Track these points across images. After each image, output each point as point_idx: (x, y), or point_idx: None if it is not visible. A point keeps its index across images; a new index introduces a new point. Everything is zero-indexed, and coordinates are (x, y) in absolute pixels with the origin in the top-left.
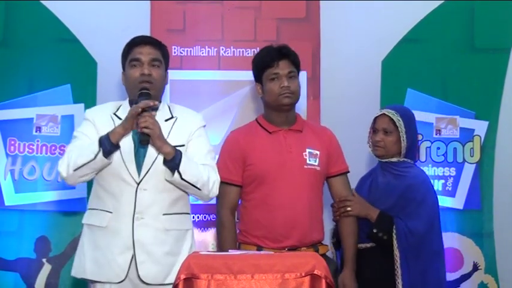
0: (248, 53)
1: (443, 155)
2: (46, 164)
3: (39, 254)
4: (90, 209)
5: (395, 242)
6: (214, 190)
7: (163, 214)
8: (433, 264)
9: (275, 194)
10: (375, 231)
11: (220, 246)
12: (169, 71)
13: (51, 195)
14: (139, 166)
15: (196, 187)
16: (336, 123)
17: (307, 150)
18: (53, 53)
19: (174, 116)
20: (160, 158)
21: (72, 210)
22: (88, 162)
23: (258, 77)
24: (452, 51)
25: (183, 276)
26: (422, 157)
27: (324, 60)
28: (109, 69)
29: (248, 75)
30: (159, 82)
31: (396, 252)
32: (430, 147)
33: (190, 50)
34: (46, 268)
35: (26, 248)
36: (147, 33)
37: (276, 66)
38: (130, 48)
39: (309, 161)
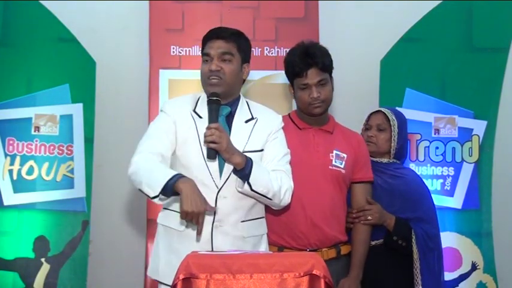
0: None
1: (442, 154)
2: (45, 163)
3: (37, 254)
4: (166, 209)
5: (415, 247)
6: (286, 198)
7: (242, 221)
8: (442, 266)
9: (297, 191)
10: (394, 238)
11: None
12: (167, 70)
13: (50, 195)
14: (221, 171)
15: (267, 197)
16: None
17: (335, 151)
18: (51, 52)
19: (254, 116)
20: None
21: (70, 209)
22: (144, 193)
23: (290, 81)
24: (450, 50)
25: (181, 276)
26: (421, 157)
27: None
28: (108, 69)
29: None
30: (230, 77)
31: (416, 257)
32: (428, 146)
33: (189, 50)
34: (45, 268)
35: (24, 248)
36: (146, 33)
37: (304, 77)
38: (204, 41)
39: (335, 162)
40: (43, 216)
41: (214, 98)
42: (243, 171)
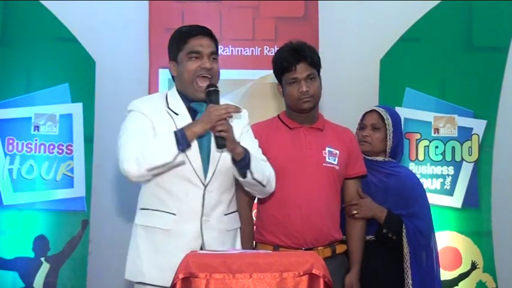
0: (246, 52)
1: (441, 153)
2: (44, 163)
3: (37, 253)
4: (144, 209)
5: (405, 241)
6: (273, 185)
7: (225, 215)
8: (437, 263)
9: (292, 189)
10: (384, 231)
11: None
12: (167, 70)
13: (50, 194)
14: (204, 167)
15: (263, 184)
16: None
17: (327, 148)
18: (51, 52)
19: None
20: (223, 157)
21: (70, 209)
22: (166, 164)
23: (278, 79)
24: (450, 50)
25: (181, 276)
26: (421, 156)
27: (322, 59)
28: (107, 68)
29: (246, 74)
30: (217, 77)
31: (406, 251)
32: (428, 146)
33: None
34: (44, 267)
35: (24, 247)
36: (146, 32)
37: (293, 71)
38: (187, 38)
39: (328, 159)
40: (43, 216)
41: (213, 89)
42: (243, 160)
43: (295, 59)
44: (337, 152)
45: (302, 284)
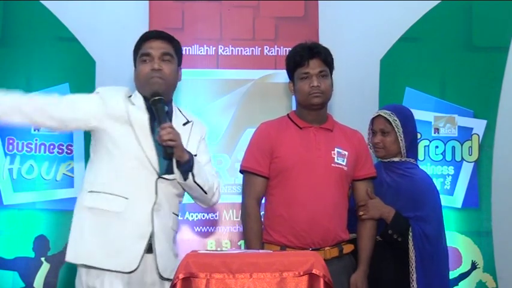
0: (246, 52)
1: (441, 153)
2: (44, 163)
3: (37, 253)
4: (93, 191)
5: (411, 245)
6: (217, 196)
7: (173, 213)
8: (447, 267)
9: (299, 189)
10: (390, 232)
11: (246, 236)
12: None
13: (50, 194)
14: (159, 153)
15: (204, 190)
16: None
17: (336, 149)
18: (51, 51)
19: (189, 120)
20: None
21: (70, 209)
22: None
23: (290, 76)
24: (450, 49)
25: (181, 276)
26: (421, 156)
27: None
28: (107, 68)
29: (246, 74)
30: (171, 78)
31: (412, 255)
32: (428, 145)
33: (189, 49)
34: (45, 267)
35: (24, 247)
36: None
37: (306, 66)
38: (141, 43)
39: (337, 160)
40: (43, 216)
41: (158, 98)
42: (188, 163)
43: (309, 54)
44: (346, 153)
45: (302, 284)
